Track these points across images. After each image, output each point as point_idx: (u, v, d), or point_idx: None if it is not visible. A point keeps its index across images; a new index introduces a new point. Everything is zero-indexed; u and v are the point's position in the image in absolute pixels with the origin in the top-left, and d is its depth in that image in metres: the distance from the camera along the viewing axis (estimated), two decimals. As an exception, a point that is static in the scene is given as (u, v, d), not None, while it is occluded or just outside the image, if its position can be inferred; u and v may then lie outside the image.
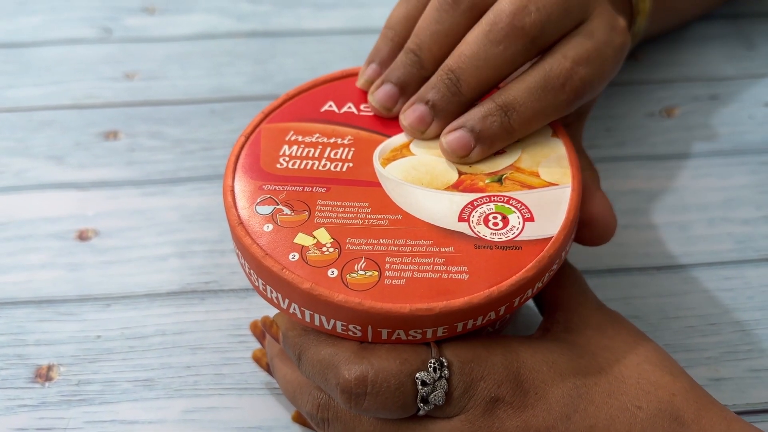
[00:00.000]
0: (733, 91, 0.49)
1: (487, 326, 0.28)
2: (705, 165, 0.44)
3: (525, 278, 0.25)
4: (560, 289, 0.30)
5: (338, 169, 0.29)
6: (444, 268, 0.26)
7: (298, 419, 0.32)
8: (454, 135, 0.29)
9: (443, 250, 0.26)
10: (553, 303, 0.30)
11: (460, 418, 0.25)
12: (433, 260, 0.26)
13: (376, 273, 0.25)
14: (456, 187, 0.28)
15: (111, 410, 0.33)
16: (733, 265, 0.39)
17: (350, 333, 0.26)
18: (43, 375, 0.35)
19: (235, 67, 0.51)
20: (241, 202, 0.28)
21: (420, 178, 0.29)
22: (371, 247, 0.26)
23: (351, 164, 0.29)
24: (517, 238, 0.26)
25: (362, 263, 0.26)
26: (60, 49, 0.53)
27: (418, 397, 0.25)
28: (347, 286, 0.25)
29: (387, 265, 0.26)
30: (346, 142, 0.30)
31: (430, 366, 0.25)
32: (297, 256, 0.26)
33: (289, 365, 0.29)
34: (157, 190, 0.43)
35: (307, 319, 0.26)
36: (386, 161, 0.29)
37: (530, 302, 0.34)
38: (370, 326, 0.25)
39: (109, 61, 0.52)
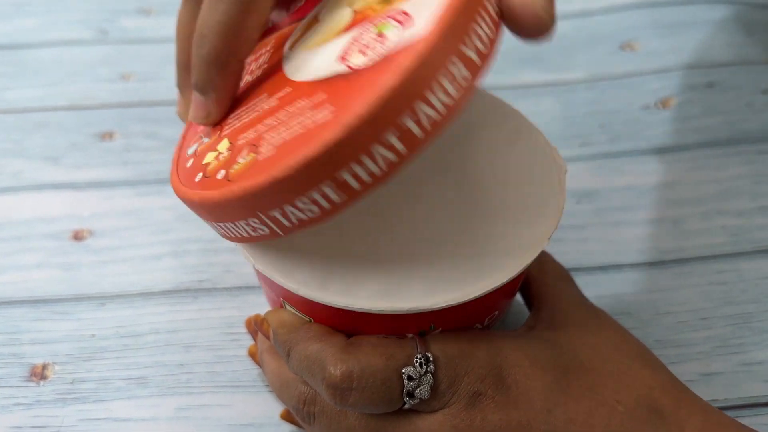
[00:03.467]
0: (731, 78, 0.49)
1: (475, 323, 0.28)
2: (701, 157, 0.44)
3: (392, 91, 0.19)
4: (545, 286, 0.30)
5: (254, 76, 0.27)
6: (311, 120, 0.21)
7: (287, 417, 0.33)
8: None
9: (315, 100, 0.22)
10: (538, 299, 0.30)
11: (443, 411, 0.26)
12: (305, 116, 0.22)
13: (253, 155, 0.23)
14: (347, 29, 0.24)
15: (105, 408, 0.34)
16: (726, 258, 0.39)
17: (258, 230, 0.23)
18: (38, 374, 0.35)
19: (229, 67, 0.51)
20: (182, 155, 0.27)
21: (320, 40, 0.25)
22: (256, 134, 0.23)
23: (266, 65, 0.27)
24: (389, 54, 0.21)
25: (245, 152, 0.23)
26: (56, 50, 0.53)
27: (404, 392, 0.25)
28: (229, 180, 0.23)
29: (264, 143, 0.22)
30: (269, 47, 0.29)
31: (416, 361, 0.25)
32: (201, 175, 0.24)
33: (277, 360, 0.29)
34: (151, 190, 0.43)
35: (220, 232, 0.25)
36: (294, 43, 0.27)
37: (521, 302, 0.34)
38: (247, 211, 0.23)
39: (105, 63, 0.52)
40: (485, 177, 0.28)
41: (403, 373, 0.25)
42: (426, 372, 0.25)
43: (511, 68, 0.51)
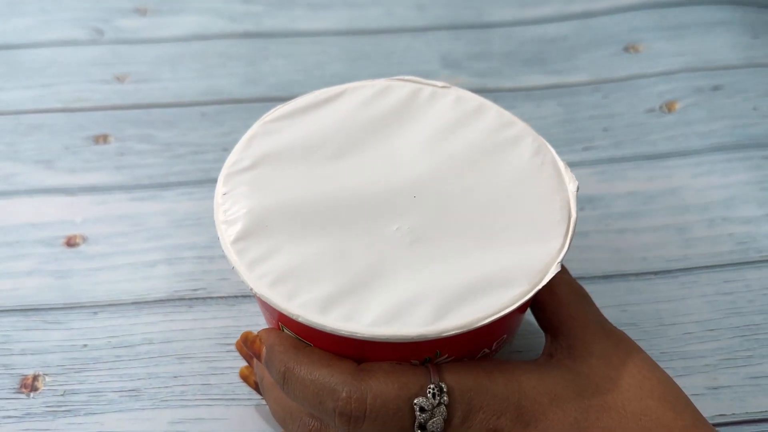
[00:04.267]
0: (737, 81, 0.48)
1: (483, 348, 0.27)
2: (706, 162, 0.43)
3: None
4: (561, 308, 0.29)
5: None
6: None
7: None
8: None
9: None
10: (556, 324, 0.29)
11: None
12: None
13: None
14: None
15: (96, 421, 0.33)
16: (733, 267, 0.38)
17: None
18: (29, 385, 0.34)
19: (226, 69, 0.50)
20: None
21: None
22: None
23: None
24: None
25: None
26: (50, 51, 0.52)
27: (416, 424, 0.24)
28: None
29: None
30: None
31: (429, 392, 0.24)
32: None
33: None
34: (146, 195, 0.42)
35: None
36: None
37: (530, 320, 0.33)
38: None
39: (99, 64, 0.51)
40: (494, 196, 0.27)
41: (415, 404, 0.24)
42: (439, 403, 0.24)
43: (514, 71, 0.50)
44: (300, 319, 0.24)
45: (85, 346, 0.36)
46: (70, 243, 0.40)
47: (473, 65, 0.51)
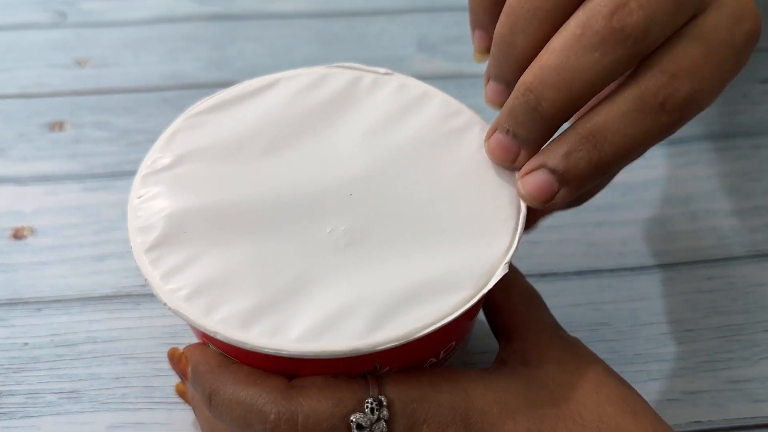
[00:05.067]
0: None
1: (429, 358, 0.25)
2: (692, 151, 0.41)
3: None
4: (514, 314, 0.27)
5: None
6: None
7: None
8: (532, 179, 0.23)
9: None
10: (508, 330, 0.27)
11: None
12: None
13: None
14: None
15: (32, 425, 0.31)
16: (716, 263, 0.36)
17: None
18: (-36, 386, 0.32)
19: (191, 53, 0.48)
20: None
21: None
22: None
23: None
24: None
25: None
26: (10, 34, 0.50)
27: None
28: None
29: None
30: None
31: (367, 406, 0.22)
32: None
33: None
34: (99, 185, 0.40)
35: None
36: None
37: (484, 322, 0.31)
38: None
39: (60, 48, 0.49)
40: (437, 193, 0.24)
41: (352, 420, 0.22)
42: (378, 419, 0.22)
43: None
44: (219, 336, 0.21)
45: (26, 344, 0.34)
46: (17, 235, 0.38)
47: (450, 49, 0.48)
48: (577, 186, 0.23)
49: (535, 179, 0.23)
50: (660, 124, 0.22)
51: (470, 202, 0.24)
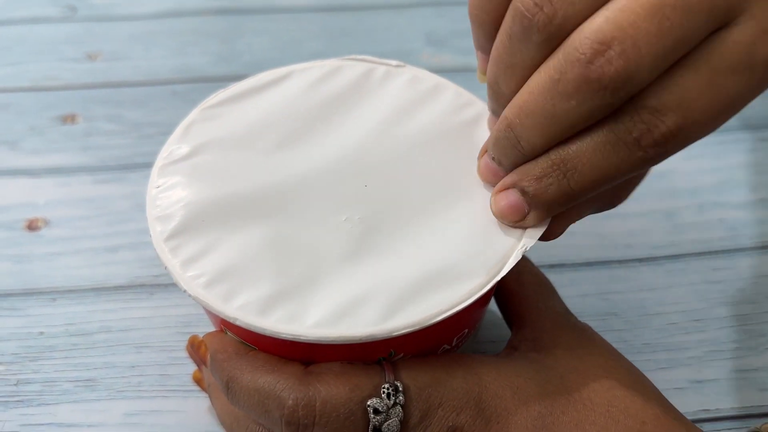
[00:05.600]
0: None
1: (442, 345, 0.25)
2: (698, 144, 0.40)
3: None
4: (525, 300, 0.27)
5: None
6: None
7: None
8: (503, 197, 0.23)
9: None
10: (520, 317, 0.27)
11: None
12: None
13: None
14: None
15: (49, 412, 0.31)
16: (723, 254, 0.36)
17: None
18: (-19, 375, 0.33)
19: (200, 47, 0.49)
20: None
21: None
22: None
23: None
24: None
25: None
26: (21, 28, 0.51)
27: (370, 427, 0.23)
28: None
29: None
30: None
31: (384, 391, 0.23)
32: None
33: None
34: (111, 177, 0.41)
35: None
36: None
37: (495, 311, 0.31)
38: None
39: (71, 41, 0.50)
40: (451, 182, 0.25)
41: (369, 405, 0.22)
42: (395, 404, 0.22)
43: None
44: (238, 322, 0.22)
45: (42, 333, 0.34)
46: (32, 227, 0.39)
47: (458, 43, 0.49)
48: (546, 210, 0.23)
49: (506, 198, 0.23)
50: (634, 159, 0.21)
51: (483, 191, 0.24)
